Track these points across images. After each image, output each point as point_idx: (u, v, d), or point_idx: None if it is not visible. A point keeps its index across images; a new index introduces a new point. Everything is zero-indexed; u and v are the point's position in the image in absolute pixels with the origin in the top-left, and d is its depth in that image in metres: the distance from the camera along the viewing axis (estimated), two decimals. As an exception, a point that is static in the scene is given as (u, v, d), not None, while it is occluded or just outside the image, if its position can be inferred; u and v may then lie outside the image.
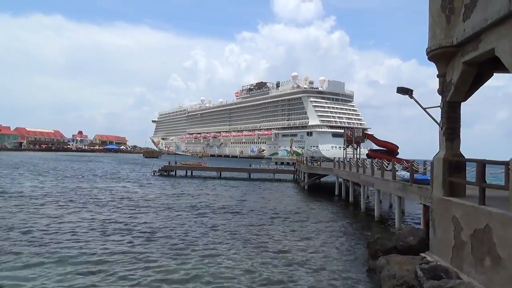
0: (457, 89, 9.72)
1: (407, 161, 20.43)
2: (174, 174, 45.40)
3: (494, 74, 10.08)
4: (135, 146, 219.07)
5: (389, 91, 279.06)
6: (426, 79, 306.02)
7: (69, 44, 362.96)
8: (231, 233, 14.36)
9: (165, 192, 27.03)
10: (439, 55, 9.88)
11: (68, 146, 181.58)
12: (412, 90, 12.21)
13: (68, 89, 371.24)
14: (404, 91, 12.19)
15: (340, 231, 15.64)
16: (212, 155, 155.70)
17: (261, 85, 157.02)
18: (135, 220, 16.33)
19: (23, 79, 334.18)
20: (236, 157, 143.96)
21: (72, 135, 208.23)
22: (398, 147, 33.54)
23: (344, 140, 38.17)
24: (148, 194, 23.95)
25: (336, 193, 28.10)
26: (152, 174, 44.84)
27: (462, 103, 10.03)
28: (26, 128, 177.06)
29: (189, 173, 45.94)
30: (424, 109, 11.21)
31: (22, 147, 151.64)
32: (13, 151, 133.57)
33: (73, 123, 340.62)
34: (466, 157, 10.00)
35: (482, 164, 8.36)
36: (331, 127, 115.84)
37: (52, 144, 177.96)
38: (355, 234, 15.22)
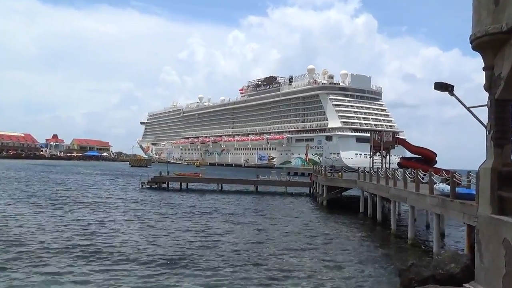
0: (508, 84, 9.64)
1: (447, 171, 20.26)
2: (166, 186, 45.48)
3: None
4: (120, 153, 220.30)
5: (426, 86, 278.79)
6: (471, 72, 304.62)
7: (43, 31, 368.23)
8: (242, 264, 14.05)
9: (159, 211, 26.96)
10: (486, 44, 9.83)
11: (41, 152, 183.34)
12: (453, 86, 12.15)
13: (42, 85, 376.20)
14: (443, 87, 12.14)
15: (366, 257, 15.54)
16: (211, 164, 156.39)
17: (270, 80, 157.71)
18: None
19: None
20: (241, 166, 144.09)
21: (46, 139, 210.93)
22: (436, 155, 33.40)
23: (371, 146, 38.06)
24: (131, 218, 22.63)
25: (361, 210, 28.04)
26: (140, 186, 44.97)
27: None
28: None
29: (184, 186, 45.93)
30: (468, 108, 11.14)
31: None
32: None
33: (47, 125, 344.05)
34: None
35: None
36: (355, 130, 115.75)
37: (22, 150, 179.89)
38: (384, 260, 15.11)
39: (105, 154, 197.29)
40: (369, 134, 43.73)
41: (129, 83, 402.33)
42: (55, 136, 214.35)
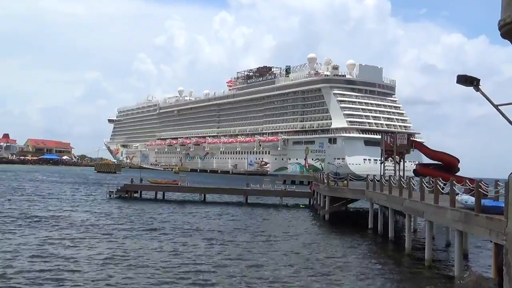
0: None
1: (471, 180, 20.37)
2: (138, 196, 45.17)
3: None
4: (83, 156, 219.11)
5: (448, 80, 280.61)
6: (501, 63, 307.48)
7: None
8: None
9: (129, 227, 26.75)
10: (517, 30, 9.89)
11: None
12: (479, 80, 12.23)
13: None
14: (467, 80, 12.22)
15: (377, 281, 15.56)
16: (193, 170, 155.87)
17: (264, 71, 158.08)
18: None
19: None
20: (228, 172, 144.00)
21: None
22: (459, 161, 33.52)
23: (382, 150, 38.11)
24: (94, 237, 21.94)
25: (370, 225, 28.05)
26: (108, 196, 44.75)
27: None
28: None
29: (160, 196, 45.63)
30: (497, 106, 11.21)
31: None
32: None
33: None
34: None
35: None
36: (363, 131, 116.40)
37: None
38: (396, 286, 15.07)
39: (65, 157, 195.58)
40: (380, 136, 43.77)
41: (95, 72, 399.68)
42: (6, 136, 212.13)
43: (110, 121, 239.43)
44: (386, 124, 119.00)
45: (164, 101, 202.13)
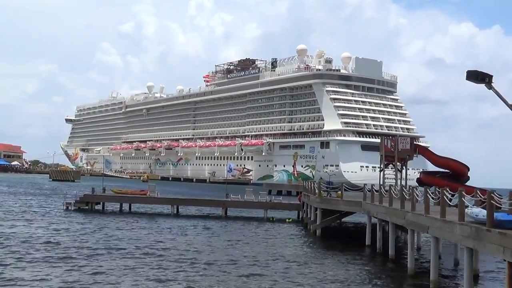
0: None
1: (483, 191, 20.52)
2: (101, 208, 44.97)
3: None
4: (36, 162, 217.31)
5: (458, 76, 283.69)
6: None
7: None
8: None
9: (88, 246, 26.42)
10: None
11: None
12: (491, 76, 12.32)
13: None
14: (478, 77, 12.31)
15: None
16: (164, 178, 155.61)
17: (247, 65, 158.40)
18: None
19: None
20: (205, 181, 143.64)
21: None
22: (468, 169, 33.83)
23: (381, 156, 38.31)
24: (46, 257, 21.38)
25: (367, 242, 28.15)
26: (65, 208, 44.44)
27: None
28: None
29: (126, 207, 45.45)
30: (510, 106, 11.28)
31: None
32: None
33: None
34: None
35: None
36: (360, 134, 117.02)
37: None
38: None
39: (15, 163, 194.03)
40: (379, 140, 43.90)
41: (51, 65, 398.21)
42: None
43: (68, 121, 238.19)
44: (386, 126, 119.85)
45: (131, 99, 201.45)
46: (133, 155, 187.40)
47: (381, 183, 35.84)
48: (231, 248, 27.16)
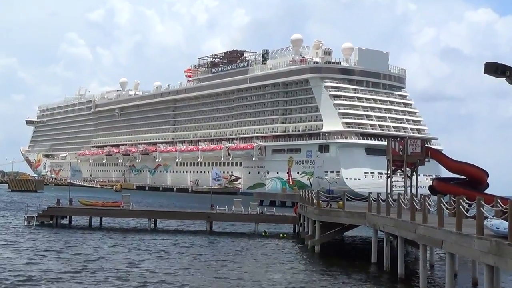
0: None
1: (504, 199, 20.67)
2: (67, 222, 44.93)
3: None
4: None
5: (475, 68, 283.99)
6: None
7: None
8: None
9: (46, 268, 26.21)
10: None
11: None
12: (511, 68, 12.41)
13: None
14: (497, 70, 12.39)
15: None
16: (140, 188, 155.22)
17: (234, 57, 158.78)
18: None
19: None
20: (187, 190, 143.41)
21: None
22: (488, 174, 34.00)
23: (388, 160, 38.47)
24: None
25: (373, 259, 28.26)
26: (26, 223, 44.31)
27: None
28: None
29: (96, 222, 45.39)
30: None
31: None
32: None
33: None
34: None
35: None
36: (364, 135, 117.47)
37: None
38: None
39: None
40: (385, 142, 44.13)
41: (9, 58, 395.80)
42: None
43: (29, 123, 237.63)
44: (394, 127, 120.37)
45: (102, 97, 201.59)
46: (104, 161, 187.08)
47: (389, 191, 35.94)
48: (212, 269, 26.70)
